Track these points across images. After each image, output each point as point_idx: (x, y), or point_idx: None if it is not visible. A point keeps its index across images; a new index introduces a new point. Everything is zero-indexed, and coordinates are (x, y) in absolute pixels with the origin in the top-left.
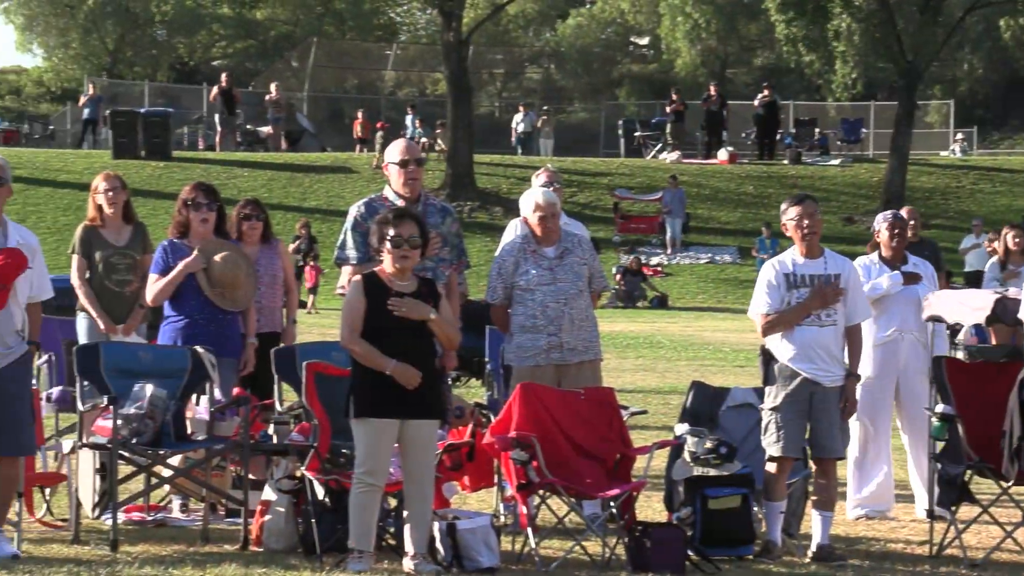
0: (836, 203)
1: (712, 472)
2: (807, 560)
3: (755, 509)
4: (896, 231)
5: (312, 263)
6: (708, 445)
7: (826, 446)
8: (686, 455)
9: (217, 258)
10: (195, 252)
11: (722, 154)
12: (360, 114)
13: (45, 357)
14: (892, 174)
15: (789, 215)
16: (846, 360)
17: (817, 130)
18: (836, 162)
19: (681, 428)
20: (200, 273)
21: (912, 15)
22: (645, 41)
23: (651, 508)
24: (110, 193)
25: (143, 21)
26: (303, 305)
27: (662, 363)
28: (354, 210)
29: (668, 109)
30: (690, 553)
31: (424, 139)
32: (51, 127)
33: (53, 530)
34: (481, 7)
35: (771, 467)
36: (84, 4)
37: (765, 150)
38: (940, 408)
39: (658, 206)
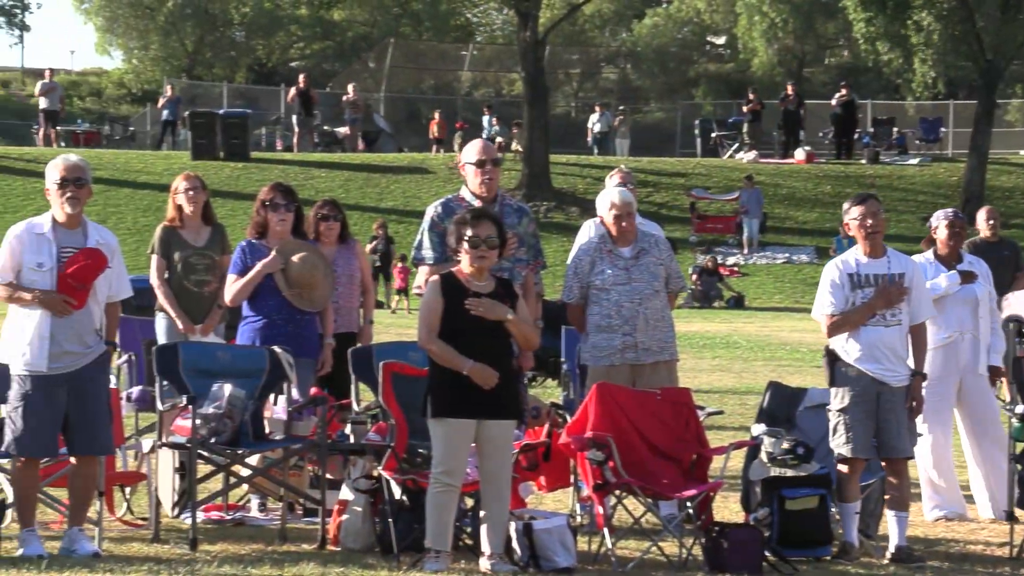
0: (914, 203)
1: (789, 473)
2: (885, 561)
3: (832, 510)
4: (955, 229)
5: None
6: (785, 446)
7: (895, 446)
8: (763, 455)
9: (295, 259)
10: (273, 253)
11: (799, 154)
12: (437, 115)
13: (125, 357)
14: (971, 173)
15: (852, 214)
16: (911, 360)
17: (895, 129)
18: (914, 161)
19: (758, 428)
20: (278, 273)
21: (992, 13)
22: (722, 40)
23: (728, 509)
24: (191, 193)
25: (222, 23)
26: (381, 305)
27: (738, 363)
28: (431, 210)
29: (745, 108)
30: (767, 554)
31: (500, 139)
32: (131, 128)
33: (133, 529)
34: (557, 7)
35: (842, 468)
36: (164, 6)
37: (843, 149)
38: (1020, 409)
39: (735, 206)
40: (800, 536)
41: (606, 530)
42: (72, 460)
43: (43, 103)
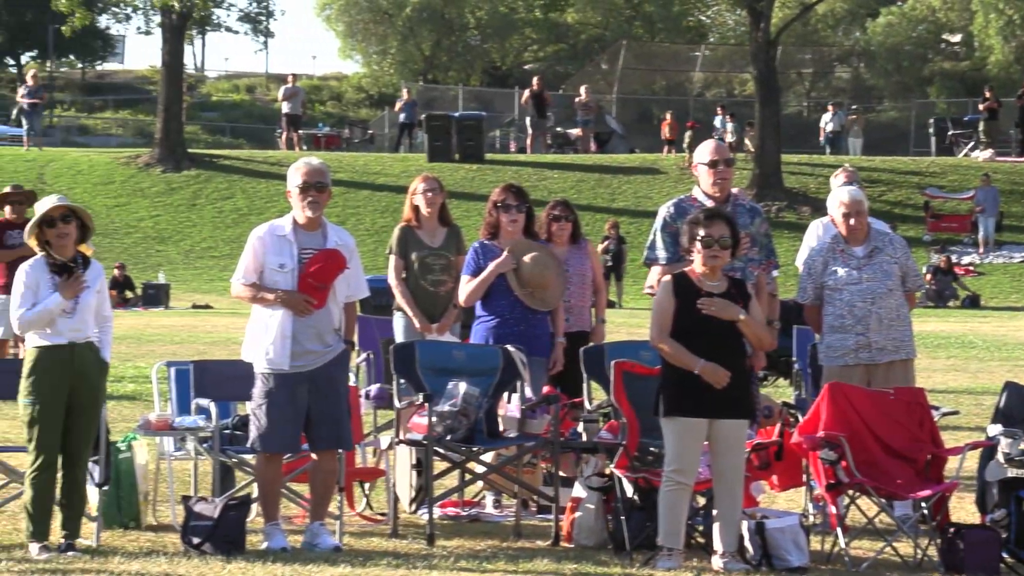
0: None
1: None
2: None
3: None
4: None
5: None
6: (1023, 447)
7: None
8: (1000, 456)
9: (527, 259)
10: (505, 253)
11: None
12: (668, 115)
13: (364, 355)
14: None
15: None
16: None
17: None
18: None
19: (994, 429)
20: (510, 273)
21: None
22: (957, 38)
23: (964, 510)
24: (429, 194)
25: (457, 27)
26: (612, 305)
27: (974, 363)
28: (663, 211)
29: (981, 107)
30: (1004, 555)
31: (733, 138)
32: (370, 131)
33: (372, 524)
34: (790, 7)
35: None
36: (402, 12)
37: None
38: None
39: (970, 205)
40: None
41: (839, 530)
42: (313, 456)
43: (286, 107)
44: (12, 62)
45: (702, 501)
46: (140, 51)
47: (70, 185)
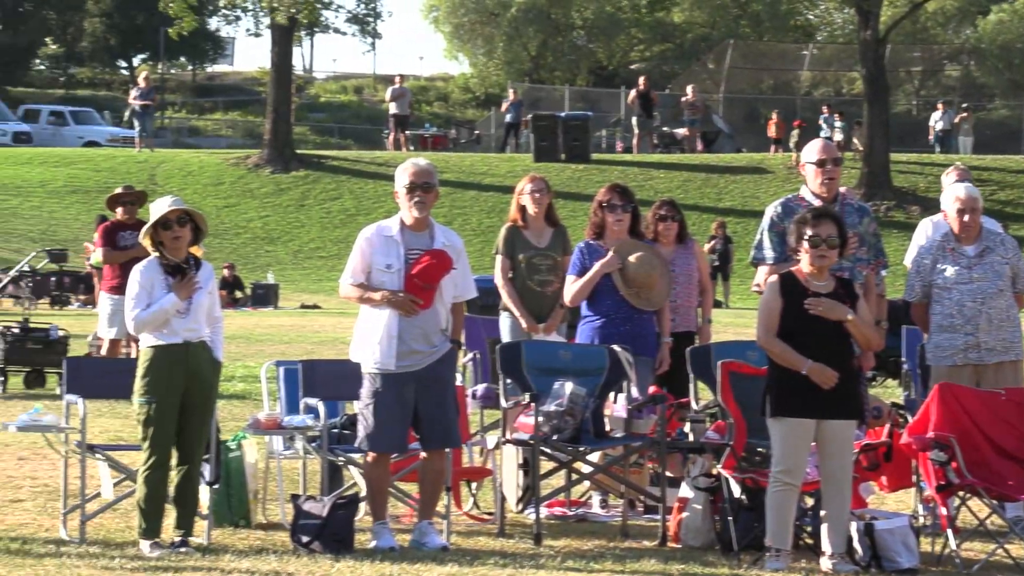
0: None
1: None
2: None
3: None
4: None
5: None
6: None
7: None
8: None
9: (632, 258)
10: (611, 253)
11: None
12: (775, 115)
13: (470, 355)
14: None
15: None
16: None
17: None
18: None
19: None
20: (616, 273)
21: None
22: None
23: None
24: (536, 195)
25: (563, 27)
26: (719, 304)
27: None
28: (771, 210)
29: None
30: None
31: (841, 137)
32: (476, 132)
33: (479, 523)
34: (899, 5)
35: None
36: (508, 12)
37: None
38: None
39: None
40: None
41: (950, 531)
42: (422, 455)
43: (393, 108)
44: (124, 64)
45: (810, 501)
46: (250, 53)
47: (180, 186)
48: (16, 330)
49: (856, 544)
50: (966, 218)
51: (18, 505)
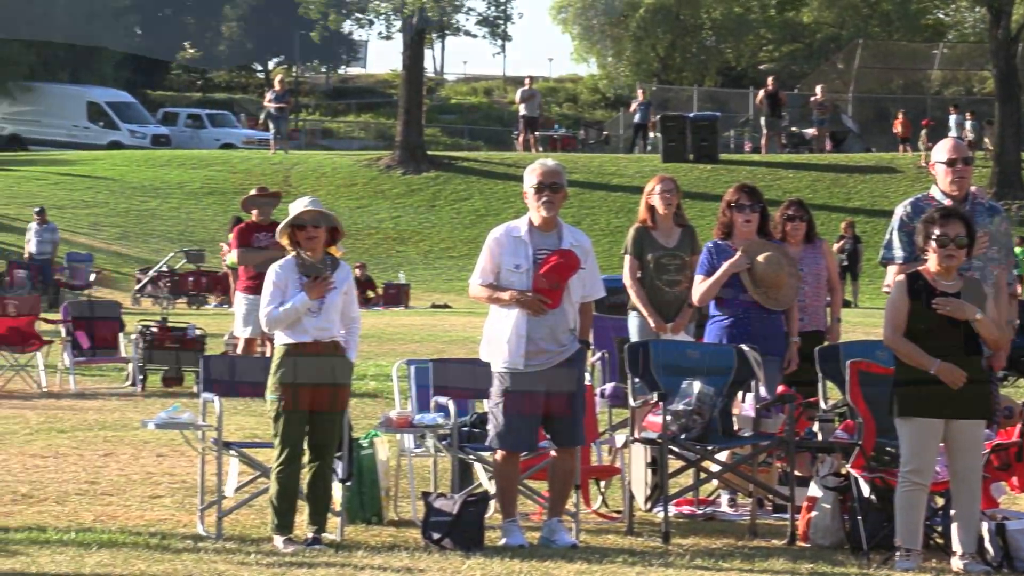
0: None
1: None
2: None
3: None
4: None
5: None
6: None
7: None
8: None
9: (760, 258)
10: (739, 253)
11: None
12: (900, 114)
13: (599, 355)
14: None
15: None
16: None
17: None
18: None
19: None
20: (744, 273)
21: None
22: None
23: None
24: (666, 195)
25: (692, 28)
26: (848, 304)
27: None
28: (900, 210)
29: None
30: None
31: (971, 136)
32: (605, 132)
33: (608, 521)
34: None
35: None
36: (636, 13)
37: None
38: None
39: None
40: None
41: None
42: (552, 453)
43: (523, 109)
44: (260, 68)
45: (940, 501)
46: (382, 56)
47: (314, 187)
48: (155, 329)
49: (987, 544)
50: None
51: (157, 501)
